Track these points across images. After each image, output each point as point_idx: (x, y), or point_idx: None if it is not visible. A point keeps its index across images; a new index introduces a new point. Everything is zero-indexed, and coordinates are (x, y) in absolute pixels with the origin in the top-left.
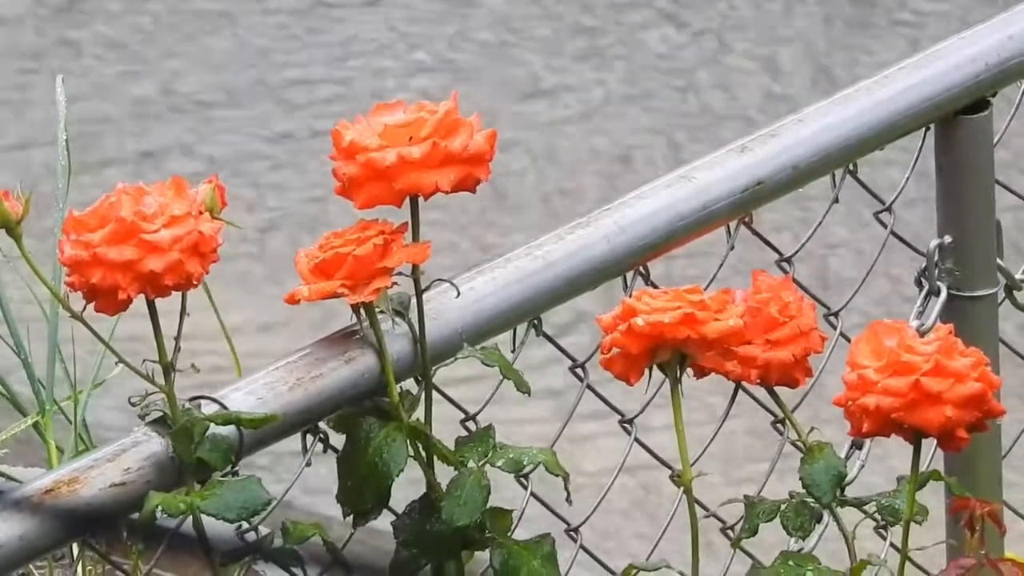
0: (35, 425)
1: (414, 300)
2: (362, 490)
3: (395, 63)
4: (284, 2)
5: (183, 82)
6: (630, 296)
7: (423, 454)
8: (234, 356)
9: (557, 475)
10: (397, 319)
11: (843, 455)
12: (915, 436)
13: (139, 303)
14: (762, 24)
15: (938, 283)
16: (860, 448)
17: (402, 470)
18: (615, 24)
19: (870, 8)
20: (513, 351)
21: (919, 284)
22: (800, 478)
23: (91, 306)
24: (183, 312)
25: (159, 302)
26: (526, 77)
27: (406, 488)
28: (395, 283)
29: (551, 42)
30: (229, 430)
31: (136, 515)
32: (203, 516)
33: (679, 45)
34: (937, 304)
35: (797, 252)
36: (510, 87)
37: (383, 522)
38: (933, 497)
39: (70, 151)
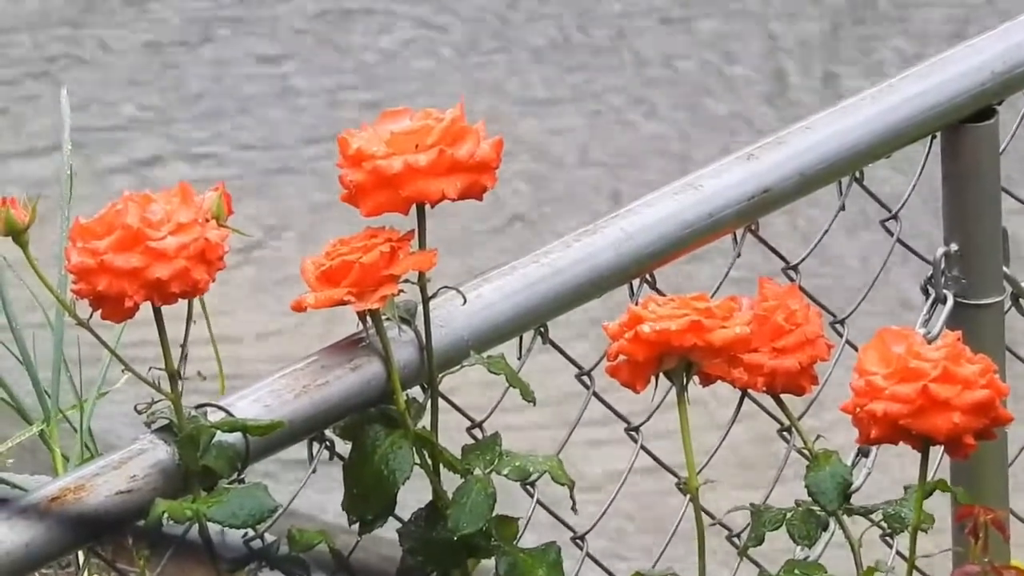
0: (40, 433)
1: (421, 308)
2: (368, 498)
3: None
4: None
5: (188, 90)
6: (636, 304)
7: (429, 462)
8: (219, 368)
9: (563, 484)
10: (403, 327)
11: (849, 463)
12: (923, 443)
13: (145, 310)
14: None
15: (944, 291)
16: (866, 456)
17: (408, 478)
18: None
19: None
20: (519, 358)
21: (925, 292)
22: (806, 485)
23: (97, 313)
24: (189, 319)
25: (166, 309)
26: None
27: (413, 496)
28: (402, 291)
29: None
30: (235, 437)
31: (142, 522)
32: (209, 523)
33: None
34: (943, 312)
35: (804, 260)
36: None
37: (389, 530)
38: (939, 504)
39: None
